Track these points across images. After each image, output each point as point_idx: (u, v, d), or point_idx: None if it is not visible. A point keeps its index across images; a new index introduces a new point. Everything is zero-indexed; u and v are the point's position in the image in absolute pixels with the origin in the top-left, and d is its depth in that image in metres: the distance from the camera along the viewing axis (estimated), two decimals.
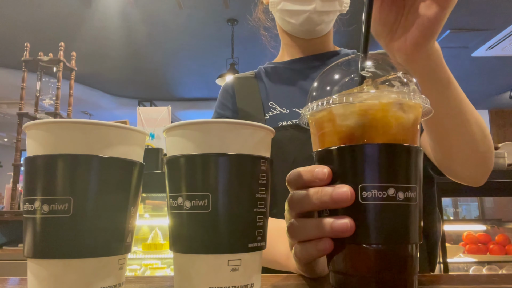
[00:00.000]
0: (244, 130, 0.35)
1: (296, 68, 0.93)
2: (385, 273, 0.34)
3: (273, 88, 0.91)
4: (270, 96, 0.89)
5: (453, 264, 2.28)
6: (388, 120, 0.35)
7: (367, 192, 0.33)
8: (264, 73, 0.96)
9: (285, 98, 0.88)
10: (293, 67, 0.94)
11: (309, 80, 0.90)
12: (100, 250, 0.32)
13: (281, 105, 0.87)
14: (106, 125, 0.33)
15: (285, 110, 0.85)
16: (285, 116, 0.84)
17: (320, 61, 0.93)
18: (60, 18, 4.47)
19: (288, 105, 0.86)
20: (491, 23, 3.95)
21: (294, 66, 0.94)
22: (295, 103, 0.86)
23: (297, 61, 0.95)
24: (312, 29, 0.88)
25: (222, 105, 0.94)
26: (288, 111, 0.85)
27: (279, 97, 0.89)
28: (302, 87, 0.89)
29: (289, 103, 0.86)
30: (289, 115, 0.84)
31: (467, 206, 5.72)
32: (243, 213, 0.34)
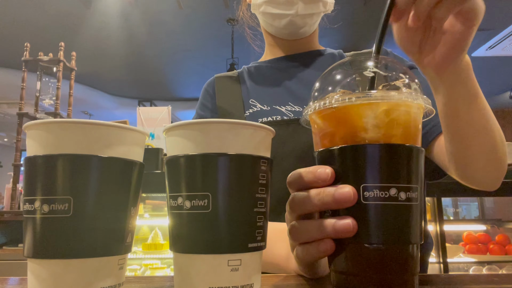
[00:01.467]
0: (244, 130, 0.35)
1: (279, 66, 0.93)
2: (386, 273, 0.34)
3: (255, 87, 0.91)
4: (252, 94, 0.89)
5: (453, 264, 2.28)
6: (391, 120, 0.35)
7: (368, 192, 0.33)
8: (247, 73, 0.95)
9: (267, 96, 0.87)
10: (276, 66, 0.93)
11: (292, 78, 0.90)
12: (100, 250, 0.32)
13: (262, 102, 0.86)
14: (106, 125, 0.33)
15: (265, 107, 0.85)
16: (265, 112, 0.83)
17: (304, 60, 0.92)
18: (60, 18, 4.47)
19: (269, 102, 0.85)
20: (491, 23, 3.95)
21: (277, 64, 0.93)
22: (277, 100, 0.85)
23: (281, 59, 0.94)
24: (295, 32, 0.87)
25: (202, 106, 0.93)
26: (269, 108, 0.84)
27: (260, 95, 0.88)
28: (284, 85, 0.89)
29: (271, 101, 0.86)
30: (269, 112, 0.83)
31: (467, 206, 5.72)
32: (243, 213, 0.34)
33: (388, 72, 0.39)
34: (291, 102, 0.84)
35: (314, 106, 0.38)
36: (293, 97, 0.85)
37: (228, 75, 0.96)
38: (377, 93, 0.35)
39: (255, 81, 0.92)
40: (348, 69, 0.41)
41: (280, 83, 0.90)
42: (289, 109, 0.83)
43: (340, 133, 0.36)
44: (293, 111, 0.83)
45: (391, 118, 0.35)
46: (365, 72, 0.38)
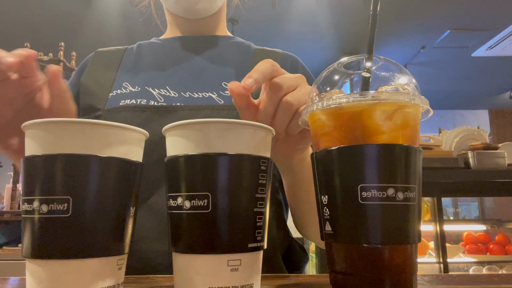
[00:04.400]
0: (244, 130, 0.35)
1: (172, 46, 0.85)
2: (385, 272, 0.34)
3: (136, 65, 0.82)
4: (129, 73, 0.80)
5: (453, 264, 2.28)
6: (389, 121, 0.35)
7: (366, 192, 0.33)
8: (136, 49, 0.87)
9: (144, 76, 0.79)
10: (169, 45, 0.85)
11: (181, 61, 0.82)
12: (99, 250, 0.32)
13: (135, 83, 0.77)
14: (105, 125, 0.33)
15: (136, 88, 0.76)
16: (131, 95, 0.75)
17: (200, 44, 0.84)
18: (60, 18, 4.47)
19: (142, 83, 0.77)
20: (491, 23, 3.95)
21: (170, 44, 0.85)
22: (152, 81, 0.77)
23: (175, 39, 0.86)
24: (191, 8, 0.80)
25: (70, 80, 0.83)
26: (139, 89, 0.76)
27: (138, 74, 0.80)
28: (168, 66, 0.81)
29: (144, 81, 0.77)
30: (136, 94, 0.75)
31: (467, 206, 5.73)
32: (243, 213, 0.34)
33: (385, 73, 0.39)
34: (169, 87, 0.76)
35: (311, 108, 0.38)
36: (174, 81, 0.77)
37: (113, 50, 0.87)
38: (374, 95, 0.35)
39: (139, 59, 0.84)
40: (346, 70, 0.41)
41: (164, 64, 0.81)
42: (162, 93, 0.75)
43: (337, 134, 0.36)
44: (166, 96, 0.74)
45: (390, 118, 0.35)
46: (362, 72, 0.38)
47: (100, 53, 0.85)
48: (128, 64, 0.82)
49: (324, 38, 4.39)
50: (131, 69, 0.81)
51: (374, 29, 0.40)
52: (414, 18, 3.88)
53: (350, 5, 3.71)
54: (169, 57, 0.82)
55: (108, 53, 0.86)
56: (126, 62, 0.83)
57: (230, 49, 0.84)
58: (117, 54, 0.85)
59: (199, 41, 0.85)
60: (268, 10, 3.76)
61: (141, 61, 0.83)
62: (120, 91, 0.76)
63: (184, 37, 0.86)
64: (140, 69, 0.81)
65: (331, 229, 0.36)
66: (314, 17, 3.92)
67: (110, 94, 0.75)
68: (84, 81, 0.79)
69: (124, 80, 0.78)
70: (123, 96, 0.74)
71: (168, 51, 0.84)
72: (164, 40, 0.87)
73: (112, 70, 0.81)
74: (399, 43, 4.42)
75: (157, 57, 0.83)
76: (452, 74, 5.21)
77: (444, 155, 2.10)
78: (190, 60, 0.82)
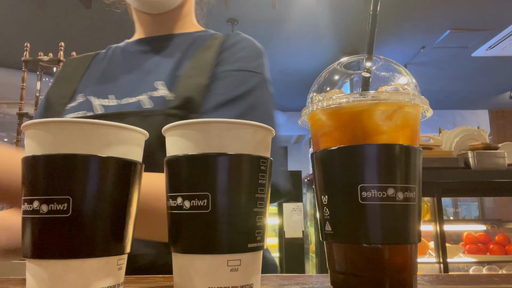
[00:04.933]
0: (244, 130, 0.35)
1: (130, 50, 0.83)
2: (385, 272, 0.34)
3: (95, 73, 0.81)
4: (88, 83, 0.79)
5: (453, 264, 2.28)
6: (389, 120, 0.35)
7: (366, 192, 0.33)
8: (103, 55, 0.85)
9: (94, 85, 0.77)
10: (129, 49, 0.83)
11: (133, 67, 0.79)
12: (99, 250, 0.32)
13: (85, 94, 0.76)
14: (105, 124, 0.33)
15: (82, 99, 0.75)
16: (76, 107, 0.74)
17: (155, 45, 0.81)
18: (60, 18, 4.47)
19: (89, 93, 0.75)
20: (491, 23, 3.95)
21: (130, 47, 0.84)
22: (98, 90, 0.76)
23: (134, 43, 0.84)
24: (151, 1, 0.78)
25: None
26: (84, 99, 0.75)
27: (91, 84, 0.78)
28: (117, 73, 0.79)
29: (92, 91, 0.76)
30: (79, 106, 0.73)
31: (467, 206, 5.73)
32: (243, 213, 0.34)
33: (385, 73, 0.39)
34: (115, 95, 0.74)
35: (311, 107, 0.38)
36: (121, 89, 0.75)
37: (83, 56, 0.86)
38: (375, 95, 0.35)
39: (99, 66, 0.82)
40: (345, 69, 0.41)
41: (113, 71, 0.80)
42: (103, 103, 0.73)
43: (338, 133, 0.36)
44: (106, 105, 0.72)
45: (390, 118, 0.35)
46: (362, 72, 0.38)
47: (67, 63, 0.85)
48: (93, 72, 0.82)
49: (324, 38, 4.39)
50: (90, 77, 0.80)
51: (374, 29, 0.40)
52: (414, 18, 3.88)
53: (350, 5, 3.71)
54: (123, 63, 0.81)
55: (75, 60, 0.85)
56: (91, 71, 0.82)
57: (181, 45, 0.81)
58: (84, 63, 0.84)
59: (154, 42, 0.83)
60: (268, 10, 3.76)
61: (99, 67, 0.82)
62: (73, 104, 0.75)
63: (143, 39, 0.85)
64: (95, 76, 0.80)
65: (331, 229, 0.36)
66: (314, 17, 3.92)
67: (66, 108, 0.75)
68: (49, 94, 0.80)
69: (80, 91, 0.77)
70: (72, 109, 0.74)
71: (125, 56, 0.83)
72: (127, 44, 0.87)
73: (75, 79, 0.80)
74: (399, 43, 4.42)
75: (111, 62, 0.82)
76: (452, 74, 5.21)
77: (444, 155, 2.10)
78: (140, 65, 0.80)
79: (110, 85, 0.77)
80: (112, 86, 0.77)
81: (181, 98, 0.69)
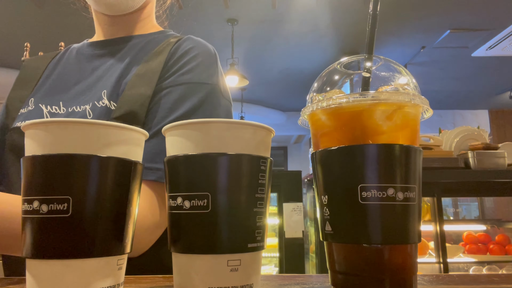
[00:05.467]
0: (244, 130, 0.35)
1: (85, 53, 0.80)
2: (385, 272, 0.34)
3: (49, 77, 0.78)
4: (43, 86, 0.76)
5: (453, 264, 2.28)
6: (389, 120, 0.35)
7: (366, 192, 0.33)
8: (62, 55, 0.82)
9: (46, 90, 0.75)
10: (84, 52, 0.80)
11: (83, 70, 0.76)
12: (99, 250, 0.32)
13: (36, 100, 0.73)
14: (105, 124, 0.33)
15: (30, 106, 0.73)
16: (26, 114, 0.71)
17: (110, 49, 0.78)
18: (60, 18, 4.47)
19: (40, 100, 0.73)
20: (491, 23, 3.95)
21: (85, 50, 0.80)
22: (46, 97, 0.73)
23: (91, 45, 0.81)
24: (109, 3, 0.74)
25: None
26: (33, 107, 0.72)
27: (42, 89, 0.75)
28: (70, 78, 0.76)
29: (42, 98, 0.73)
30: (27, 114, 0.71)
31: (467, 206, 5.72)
32: (243, 213, 0.34)
33: (385, 73, 0.39)
34: (63, 102, 0.72)
35: (311, 107, 0.38)
36: (69, 96, 0.73)
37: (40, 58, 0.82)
38: (374, 95, 0.35)
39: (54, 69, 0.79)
40: (345, 69, 0.41)
41: (67, 76, 0.76)
42: (52, 111, 0.71)
43: (338, 134, 0.36)
44: (53, 113, 0.70)
45: (390, 118, 0.35)
46: (362, 72, 0.38)
47: (26, 65, 0.82)
48: (48, 73, 0.78)
49: (324, 38, 4.39)
50: (46, 80, 0.77)
51: (374, 29, 0.40)
52: (414, 18, 3.88)
53: (350, 5, 3.71)
54: (77, 67, 0.78)
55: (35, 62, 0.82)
56: (47, 73, 0.79)
57: (133, 49, 0.77)
58: (42, 64, 0.81)
59: (110, 44, 0.79)
60: (268, 10, 3.76)
61: (54, 70, 0.79)
62: (24, 110, 0.73)
63: (99, 42, 0.81)
64: (48, 81, 0.77)
65: (331, 229, 0.36)
66: (314, 17, 3.92)
67: (19, 114, 0.73)
68: (8, 98, 0.77)
69: (32, 96, 0.75)
70: (22, 116, 0.72)
71: (79, 59, 0.79)
72: (83, 45, 0.83)
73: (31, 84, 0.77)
74: (399, 43, 4.42)
75: (65, 66, 0.79)
76: (452, 74, 5.21)
77: (444, 155, 2.10)
78: (93, 70, 0.77)
79: (61, 91, 0.74)
80: (62, 92, 0.74)
81: (123, 110, 0.66)
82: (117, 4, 0.75)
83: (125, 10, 0.77)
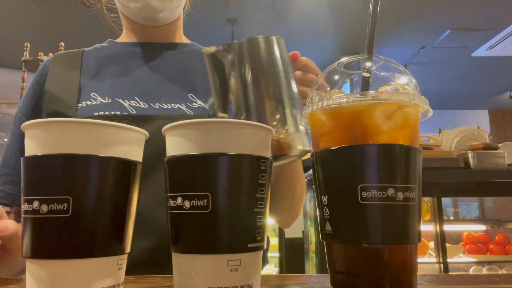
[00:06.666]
0: (244, 130, 0.35)
1: (134, 52, 0.82)
2: (385, 272, 0.34)
3: (99, 73, 0.79)
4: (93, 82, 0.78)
5: (453, 264, 2.28)
6: (389, 120, 0.35)
7: (366, 192, 0.33)
8: (94, 52, 0.84)
9: (111, 86, 0.77)
10: (130, 50, 0.83)
11: (144, 69, 0.80)
12: (99, 250, 0.32)
13: (104, 94, 0.75)
14: (105, 124, 0.33)
15: (107, 99, 0.75)
16: (104, 106, 0.74)
17: (162, 51, 0.83)
18: (60, 18, 4.47)
19: (112, 93, 0.75)
20: (491, 23, 3.95)
21: (131, 49, 0.83)
22: (121, 92, 0.76)
23: (136, 45, 0.83)
24: (153, 16, 0.78)
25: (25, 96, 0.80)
26: (110, 100, 0.75)
27: (103, 83, 0.77)
28: (133, 75, 0.79)
29: (113, 92, 0.76)
30: (109, 105, 0.74)
31: (467, 206, 5.72)
32: (243, 213, 0.34)
33: (385, 73, 0.39)
34: (138, 97, 0.76)
35: (311, 107, 0.38)
36: (141, 91, 0.77)
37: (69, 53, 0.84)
38: (374, 95, 0.35)
39: (101, 64, 0.81)
40: (346, 70, 0.41)
41: (129, 72, 0.80)
42: (133, 105, 0.74)
43: (338, 133, 0.36)
44: (137, 107, 0.74)
45: (390, 118, 0.35)
46: (362, 72, 0.38)
47: (58, 58, 0.82)
48: (90, 69, 0.80)
49: (324, 38, 4.38)
50: (95, 75, 0.79)
51: (374, 29, 0.40)
52: (414, 18, 3.88)
53: (350, 5, 3.71)
54: (132, 63, 0.81)
55: (66, 56, 0.83)
56: (88, 66, 0.80)
57: (190, 56, 0.84)
58: (75, 57, 0.82)
59: (160, 47, 0.83)
60: (268, 10, 3.76)
61: (104, 66, 0.80)
62: (90, 102, 0.74)
63: (145, 43, 0.84)
64: (105, 76, 0.79)
65: (331, 229, 0.36)
66: (314, 17, 3.92)
67: (80, 105, 0.74)
68: (49, 87, 0.77)
69: (91, 90, 0.76)
70: (95, 108, 0.73)
71: (130, 56, 0.82)
72: (124, 44, 0.85)
73: (74, 74, 0.79)
74: (399, 43, 4.42)
75: (120, 63, 0.81)
76: (452, 74, 5.21)
77: (444, 155, 2.10)
78: (154, 67, 0.81)
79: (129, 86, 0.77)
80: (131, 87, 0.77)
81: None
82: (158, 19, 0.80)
83: (164, 23, 0.82)
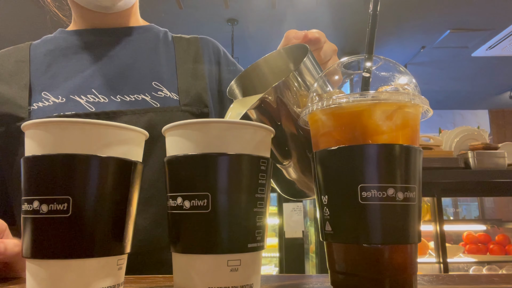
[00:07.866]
0: (244, 130, 0.35)
1: (87, 40, 0.74)
2: (385, 272, 0.34)
3: (52, 67, 0.72)
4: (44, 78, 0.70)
5: (453, 264, 2.28)
6: (389, 121, 0.35)
7: (366, 192, 0.33)
8: (43, 44, 0.76)
9: (63, 82, 0.70)
10: (82, 39, 0.74)
11: (102, 58, 0.73)
12: (99, 250, 0.32)
13: (57, 92, 0.68)
14: (105, 124, 0.33)
15: (60, 98, 0.68)
16: (58, 107, 0.67)
17: (120, 36, 0.76)
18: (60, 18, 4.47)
19: (66, 91, 0.68)
20: (491, 23, 3.95)
21: (83, 38, 0.75)
22: (75, 88, 0.69)
23: (89, 32, 0.75)
24: (112, 5, 0.72)
25: None
26: (64, 99, 0.68)
27: (56, 79, 0.70)
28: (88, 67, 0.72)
29: (68, 89, 0.69)
30: (63, 105, 0.67)
31: (467, 206, 5.72)
32: (243, 213, 0.34)
33: (385, 73, 0.39)
34: (95, 90, 0.69)
35: (311, 107, 0.38)
36: (99, 83, 0.69)
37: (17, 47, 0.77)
38: (374, 95, 0.35)
39: (52, 59, 0.73)
40: (346, 69, 0.41)
41: (84, 65, 0.72)
42: (91, 100, 0.68)
43: (338, 134, 0.36)
44: (96, 102, 0.67)
45: (390, 118, 0.35)
46: (363, 72, 0.38)
47: (2, 56, 0.75)
48: (40, 65, 0.72)
49: None
50: (45, 71, 0.72)
51: (374, 29, 0.40)
52: (414, 18, 3.88)
53: (350, 5, 3.71)
54: (87, 54, 0.73)
55: (12, 53, 0.76)
56: (37, 62, 0.73)
57: (151, 41, 0.77)
58: (22, 53, 0.75)
59: (118, 33, 0.76)
60: (268, 10, 3.76)
61: (55, 60, 0.73)
62: (42, 104, 0.67)
63: (99, 29, 0.76)
64: (57, 71, 0.71)
65: (331, 229, 0.36)
66: (314, 17, 3.92)
67: (31, 108, 0.67)
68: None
69: (42, 89, 0.69)
70: (48, 110, 0.66)
71: (84, 46, 0.74)
72: (75, 32, 0.76)
73: (23, 72, 0.71)
74: (399, 43, 4.42)
75: (73, 54, 0.73)
76: (452, 74, 5.21)
77: (444, 155, 2.10)
78: (112, 56, 0.73)
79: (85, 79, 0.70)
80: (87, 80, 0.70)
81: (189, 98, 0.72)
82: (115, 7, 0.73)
83: (122, 8, 0.75)
